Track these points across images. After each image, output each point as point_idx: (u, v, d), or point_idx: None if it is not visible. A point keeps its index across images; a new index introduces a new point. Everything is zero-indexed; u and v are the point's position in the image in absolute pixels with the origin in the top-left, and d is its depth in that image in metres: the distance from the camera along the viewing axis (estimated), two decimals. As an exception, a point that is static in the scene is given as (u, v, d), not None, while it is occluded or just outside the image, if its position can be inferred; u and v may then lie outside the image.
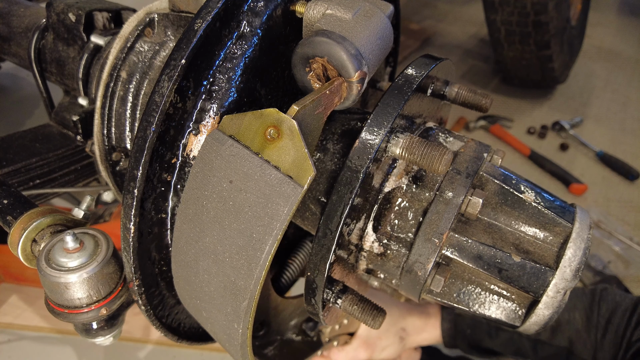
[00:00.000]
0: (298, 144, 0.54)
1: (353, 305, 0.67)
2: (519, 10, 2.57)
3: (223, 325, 0.64)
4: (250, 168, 0.56)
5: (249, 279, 0.56)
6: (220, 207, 0.58)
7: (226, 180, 0.57)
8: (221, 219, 0.58)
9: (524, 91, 3.23)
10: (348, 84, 0.64)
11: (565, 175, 2.52)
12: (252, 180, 0.56)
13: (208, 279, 0.61)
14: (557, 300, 0.63)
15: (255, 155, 0.56)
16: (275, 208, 0.54)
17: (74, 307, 0.62)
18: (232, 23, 0.65)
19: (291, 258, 1.00)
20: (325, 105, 0.61)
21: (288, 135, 0.54)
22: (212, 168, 0.59)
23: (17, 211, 0.70)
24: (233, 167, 0.57)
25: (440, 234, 0.64)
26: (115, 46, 0.88)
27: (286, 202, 0.53)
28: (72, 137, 1.07)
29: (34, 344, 1.59)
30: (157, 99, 0.58)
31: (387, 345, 1.23)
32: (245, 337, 0.61)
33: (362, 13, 0.65)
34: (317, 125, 0.60)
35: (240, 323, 0.60)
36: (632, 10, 4.60)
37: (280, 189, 0.54)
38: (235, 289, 0.58)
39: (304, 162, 0.53)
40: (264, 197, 0.55)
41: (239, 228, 0.56)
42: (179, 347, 1.61)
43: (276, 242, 0.54)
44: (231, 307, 0.60)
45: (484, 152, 0.69)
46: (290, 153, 0.54)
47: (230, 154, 0.57)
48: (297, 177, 0.54)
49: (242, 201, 0.56)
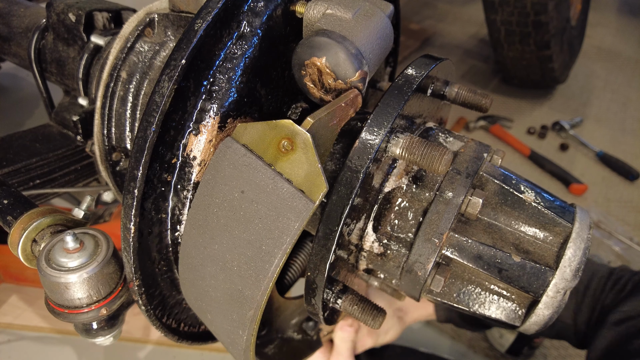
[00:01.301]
0: (311, 159, 0.53)
1: (353, 305, 0.67)
2: (519, 10, 2.57)
3: (227, 330, 0.64)
4: (263, 180, 0.55)
5: (257, 289, 0.56)
6: (231, 216, 0.57)
7: (238, 190, 0.57)
8: (231, 228, 0.57)
9: (524, 91, 3.23)
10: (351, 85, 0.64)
11: (565, 175, 2.52)
12: (264, 193, 0.55)
13: (215, 284, 0.61)
14: (557, 300, 0.63)
15: (268, 166, 0.56)
16: (286, 222, 0.53)
17: (74, 307, 0.62)
18: (232, 23, 0.65)
19: (292, 259, 1.00)
20: (339, 117, 0.61)
21: (302, 148, 0.54)
22: (224, 176, 0.58)
23: (17, 211, 0.70)
24: (245, 178, 0.56)
25: (440, 234, 0.64)
26: (116, 46, 0.88)
27: (297, 217, 0.53)
28: (72, 137, 1.07)
29: (34, 344, 1.59)
30: (157, 99, 0.58)
31: (389, 328, 1.25)
32: (249, 344, 0.61)
33: (363, 13, 0.65)
34: (330, 137, 0.60)
35: (245, 330, 0.59)
36: (632, 10, 4.60)
37: (291, 204, 0.53)
38: (242, 297, 0.58)
39: (317, 178, 0.53)
40: (275, 211, 0.54)
41: (249, 239, 0.56)
42: (179, 347, 1.62)
43: (285, 255, 0.54)
44: (237, 315, 0.60)
45: (484, 152, 0.69)
46: (304, 167, 0.54)
47: (243, 164, 0.57)
48: (309, 192, 0.53)
49: (253, 212, 0.56)
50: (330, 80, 0.64)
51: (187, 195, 0.68)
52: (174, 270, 0.74)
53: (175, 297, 0.77)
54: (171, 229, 0.70)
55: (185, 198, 0.68)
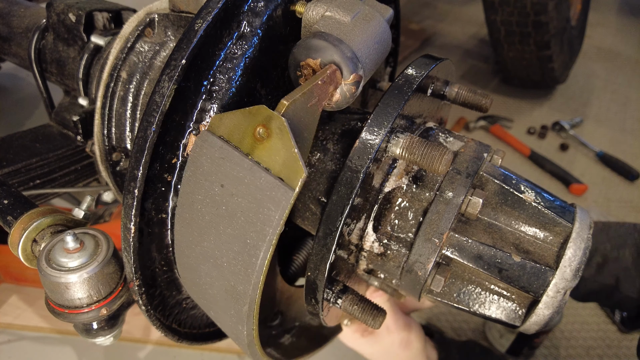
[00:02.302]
0: (287, 144, 0.50)
1: (353, 305, 0.67)
2: (519, 11, 2.57)
3: (229, 326, 0.64)
4: (240, 171, 0.54)
5: (247, 284, 0.55)
6: (214, 211, 0.56)
7: (217, 184, 0.55)
8: (216, 223, 0.56)
9: (524, 91, 3.23)
10: (346, 87, 0.64)
11: (565, 176, 2.52)
12: (242, 184, 0.53)
13: (210, 282, 0.61)
14: (557, 300, 0.63)
15: (245, 157, 0.54)
16: (267, 213, 0.52)
17: (74, 307, 0.62)
18: (233, 23, 0.65)
19: (295, 255, 1.00)
20: (318, 96, 0.57)
21: (277, 134, 0.51)
22: (203, 172, 0.57)
23: (18, 211, 0.70)
24: (223, 171, 0.55)
25: (441, 234, 0.64)
26: (116, 46, 0.88)
27: (277, 206, 0.51)
28: (72, 137, 1.07)
29: (34, 344, 1.59)
30: (158, 99, 0.58)
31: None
32: (252, 338, 0.61)
33: (361, 16, 0.65)
34: (312, 119, 0.57)
35: (244, 325, 0.59)
36: (632, 10, 4.61)
37: (271, 194, 0.51)
38: (236, 293, 0.57)
39: (295, 163, 0.50)
40: (255, 202, 0.53)
41: (234, 233, 0.55)
42: (179, 347, 1.61)
43: (271, 247, 0.52)
44: (234, 310, 0.60)
45: (484, 152, 0.69)
46: (281, 153, 0.51)
47: (220, 157, 0.55)
48: (288, 179, 0.51)
49: (235, 206, 0.54)
50: None
51: (187, 195, 0.68)
52: (174, 270, 0.74)
53: (175, 297, 0.77)
54: (171, 229, 0.70)
55: (186, 198, 0.68)
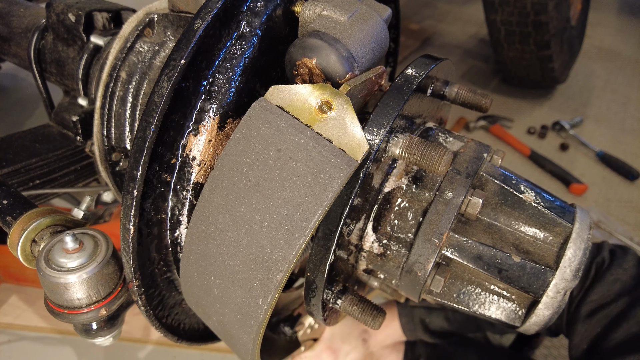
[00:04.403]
0: (351, 120, 0.55)
1: (353, 306, 0.67)
2: (519, 10, 2.57)
3: (240, 304, 0.61)
4: (303, 138, 0.56)
5: (290, 249, 0.55)
6: (265, 175, 0.57)
7: (274, 148, 0.57)
8: (263, 187, 0.57)
9: (524, 91, 3.22)
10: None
11: (565, 175, 2.51)
12: (304, 150, 0.56)
13: (235, 250, 0.59)
14: (557, 301, 0.63)
15: (306, 126, 0.57)
16: (328, 179, 0.54)
17: (74, 308, 0.62)
18: (232, 23, 0.65)
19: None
20: (367, 90, 0.62)
21: (340, 110, 0.56)
22: (257, 135, 0.58)
23: (17, 211, 0.70)
24: (283, 136, 0.57)
25: (440, 234, 0.63)
26: (115, 46, 0.88)
27: (340, 173, 0.54)
28: (72, 138, 1.07)
29: (34, 344, 1.59)
30: (157, 99, 0.58)
31: (351, 349, 1.24)
32: (266, 316, 0.59)
33: (358, 16, 0.65)
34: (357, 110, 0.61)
35: (268, 298, 0.58)
36: (632, 10, 4.60)
37: (335, 160, 0.54)
38: (270, 261, 0.57)
39: (358, 137, 0.55)
40: (316, 168, 0.55)
41: (284, 197, 0.56)
42: (179, 348, 1.61)
43: (324, 213, 0.54)
44: (259, 282, 0.58)
45: (484, 152, 0.69)
46: (342, 128, 0.55)
47: (281, 123, 0.57)
48: (350, 152, 0.55)
49: (291, 170, 0.56)
50: (320, 81, 0.64)
51: (187, 195, 0.68)
52: (174, 270, 0.74)
53: (174, 297, 0.77)
54: (170, 229, 0.69)
55: (185, 198, 0.68)
